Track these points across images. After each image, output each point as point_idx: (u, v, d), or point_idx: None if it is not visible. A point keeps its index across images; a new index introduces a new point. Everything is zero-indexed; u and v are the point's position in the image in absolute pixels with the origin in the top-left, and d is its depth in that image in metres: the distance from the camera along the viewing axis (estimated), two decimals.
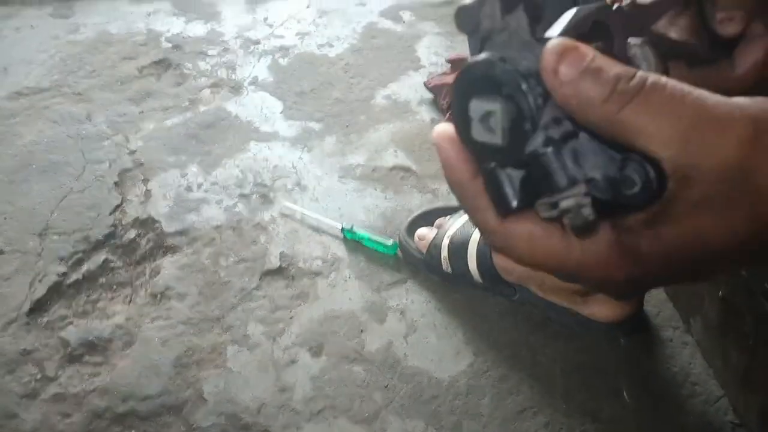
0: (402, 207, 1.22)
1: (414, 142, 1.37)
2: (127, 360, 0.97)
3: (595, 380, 0.94)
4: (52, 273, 1.08)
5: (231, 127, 1.41)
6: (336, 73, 1.59)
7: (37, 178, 1.26)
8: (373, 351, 0.98)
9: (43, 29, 1.74)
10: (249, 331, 1.01)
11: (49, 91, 1.50)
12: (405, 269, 1.10)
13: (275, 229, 1.17)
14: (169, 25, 1.76)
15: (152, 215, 1.20)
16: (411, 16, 1.82)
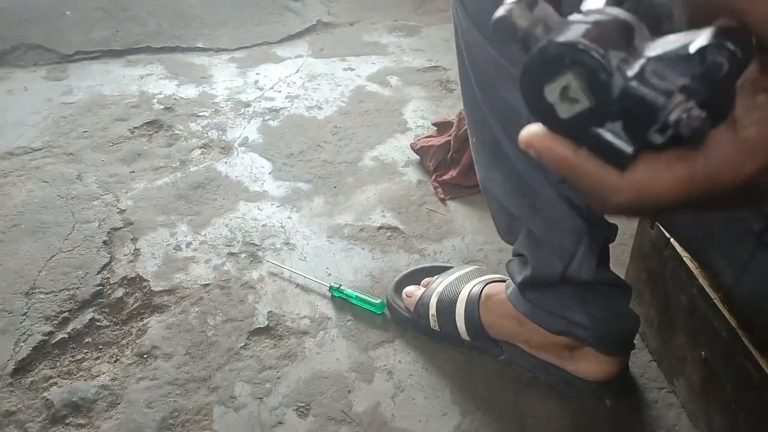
0: (389, 267, 1.23)
1: (401, 202, 1.40)
2: (111, 422, 0.96)
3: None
4: (37, 332, 1.08)
5: (221, 187, 1.43)
6: (324, 136, 1.62)
7: (26, 239, 1.27)
8: (361, 412, 0.98)
9: (37, 91, 1.77)
10: (236, 392, 1.00)
11: (41, 152, 1.52)
12: (393, 328, 1.11)
13: (263, 288, 1.18)
14: (161, 87, 1.80)
15: (140, 274, 1.20)
16: (398, 81, 1.87)
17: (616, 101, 0.29)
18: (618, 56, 0.30)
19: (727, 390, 0.84)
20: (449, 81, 1.87)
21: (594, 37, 0.30)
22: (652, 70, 0.29)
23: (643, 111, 0.29)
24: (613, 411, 0.98)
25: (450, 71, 1.92)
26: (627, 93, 0.29)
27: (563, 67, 0.30)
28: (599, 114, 0.30)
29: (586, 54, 0.29)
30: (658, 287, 1.00)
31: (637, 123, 0.30)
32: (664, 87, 0.29)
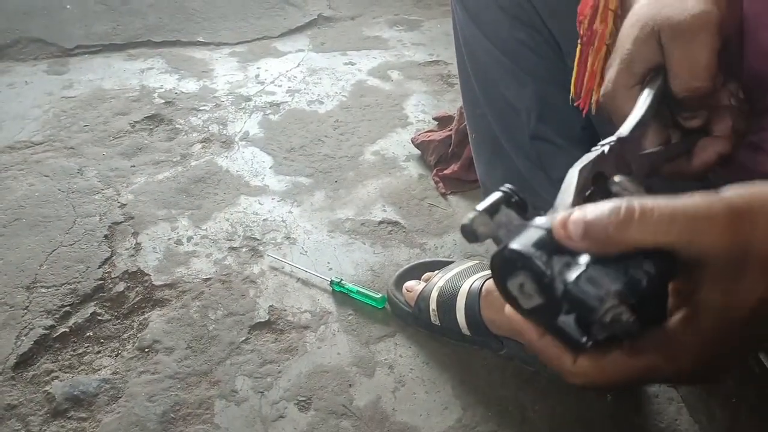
0: (390, 261, 1.23)
1: (402, 197, 1.40)
2: (112, 415, 0.96)
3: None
4: (38, 326, 1.08)
5: (221, 182, 1.43)
6: (325, 130, 1.62)
7: (27, 232, 1.27)
8: (362, 406, 0.98)
9: (38, 85, 1.77)
10: (237, 386, 1.00)
11: (42, 146, 1.52)
12: (393, 323, 1.11)
13: (264, 283, 1.18)
14: (162, 81, 1.80)
15: (141, 268, 1.20)
16: (399, 75, 1.87)
17: (561, 301, 0.34)
18: (562, 261, 0.34)
19: (728, 384, 0.84)
20: (450, 75, 1.87)
21: (542, 243, 0.34)
22: (587, 276, 0.33)
23: (581, 312, 0.33)
24: (613, 405, 0.98)
25: (451, 65, 1.92)
26: (567, 295, 0.33)
27: (517, 269, 0.35)
28: (552, 309, 0.34)
29: (530, 261, 0.34)
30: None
31: (580, 318, 0.34)
32: (596, 293, 0.33)
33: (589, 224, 0.33)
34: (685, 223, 0.33)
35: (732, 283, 0.34)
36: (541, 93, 0.87)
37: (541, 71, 0.87)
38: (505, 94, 0.88)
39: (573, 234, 0.34)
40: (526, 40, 0.86)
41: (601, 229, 0.33)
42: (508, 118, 0.91)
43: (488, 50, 0.88)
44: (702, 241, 0.33)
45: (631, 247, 0.33)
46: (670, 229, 0.33)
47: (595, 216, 0.34)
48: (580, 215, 0.34)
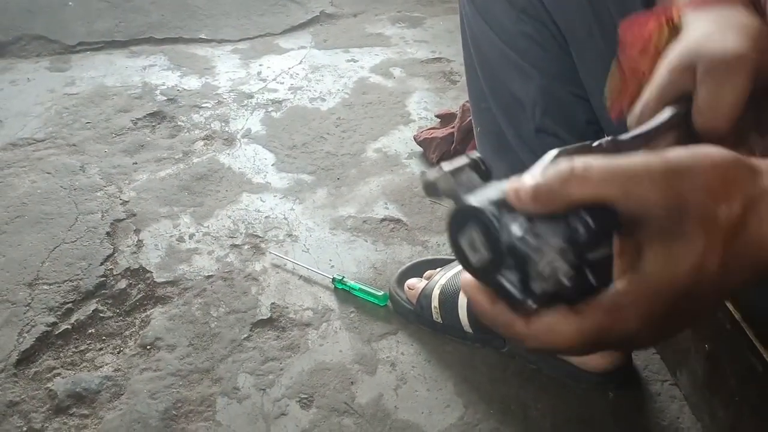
0: (392, 259, 1.23)
1: (404, 194, 1.40)
2: (114, 412, 0.96)
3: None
4: (41, 323, 1.08)
5: (224, 179, 1.43)
6: (328, 127, 1.62)
7: (29, 229, 1.27)
8: (364, 403, 0.98)
9: (40, 82, 1.77)
10: (239, 383, 1.00)
11: (44, 143, 1.52)
12: (395, 320, 1.11)
13: (266, 280, 1.18)
14: (164, 78, 1.80)
15: (143, 265, 1.20)
16: (401, 73, 1.87)
17: (506, 255, 0.35)
18: (512, 216, 0.35)
19: (731, 383, 0.84)
20: (453, 72, 1.87)
21: (495, 200, 0.36)
22: (531, 230, 0.34)
23: (522, 265, 0.34)
24: (615, 403, 0.98)
25: (453, 62, 1.91)
26: (510, 248, 0.34)
27: (469, 223, 0.36)
28: (498, 264, 0.35)
29: (482, 214, 0.35)
30: None
31: (523, 275, 0.35)
32: (537, 245, 0.34)
33: (537, 186, 0.34)
34: (623, 178, 0.34)
35: (672, 241, 0.34)
36: (547, 87, 0.88)
37: (547, 65, 0.87)
38: (510, 87, 0.88)
39: (523, 196, 0.35)
40: (532, 33, 0.86)
41: (546, 189, 0.34)
42: (514, 111, 0.91)
43: (495, 44, 0.88)
44: (638, 195, 0.34)
45: (574, 202, 0.34)
46: (609, 184, 0.34)
47: (543, 177, 0.35)
48: (529, 178, 0.35)
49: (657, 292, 0.35)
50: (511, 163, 0.92)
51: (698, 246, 0.34)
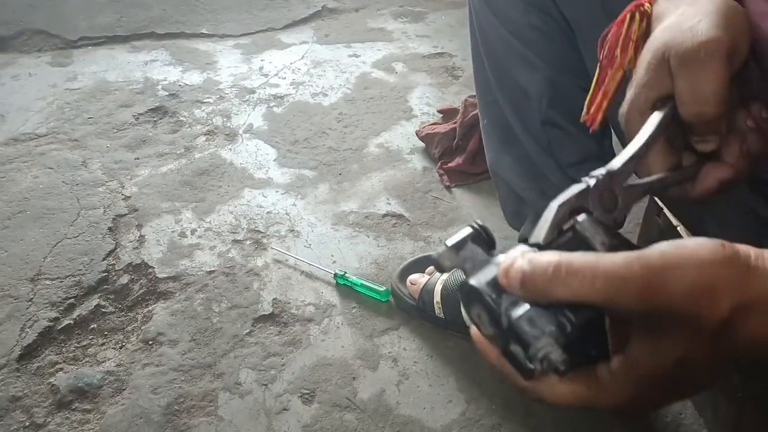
0: (394, 254, 1.23)
1: (406, 190, 1.39)
2: (117, 407, 0.96)
3: (586, 431, 0.94)
4: (43, 318, 1.08)
5: (225, 174, 1.43)
6: (329, 122, 1.62)
7: (32, 224, 1.27)
8: (366, 399, 0.98)
9: (42, 77, 1.77)
10: (241, 378, 1.00)
11: (46, 138, 1.52)
12: (397, 316, 1.10)
13: (268, 275, 1.18)
14: (166, 73, 1.80)
15: (145, 261, 1.20)
16: (403, 68, 1.86)
17: (507, 333, 0.38)
18: (510, 299, 0.38)
19: (734, 379, 0.84)
20: (455, 67, 1.86)
21: (494, 281, 0.39)
22: (527, 317, 0.37)
23: (521, 346, 0.37)
24: None
25: (456, 57, 1.91)
26: (510, 331, 0.37)
27: (474, 301, 0.39)
28: (503, 339, 0.38)
29: (482, 297, 0.38)
30: None
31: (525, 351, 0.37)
32: (532, 332, 0.37)
33: (524, 276, 0.37)
34: (603, 284, 0.35)
35: (656, 337, 0.36)
36: (553, 78, 0.87)
37: (554, 57, 0.87)
38: (517, 79, 0.88)
39: (512, 282, 0.37)
40: (539, 25, 0.86)
41: (533, 283, 0.36)
42: (520, 103, 0.91)
43: (501, 35, 0.88)
44: (619, 302, 0.35)
45: (559, 301, 0.36)
46: (590, 290, 0.35)
47: (531, 268, 0.37)
48: (520, 266, 0.37)
49: (642, 377, 0.37)
50: (517, 155, 0.92)
51: (681, 346, 0.35)
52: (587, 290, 0.35)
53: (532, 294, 0.37)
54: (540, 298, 0.37)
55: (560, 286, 0.35)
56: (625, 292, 0.34)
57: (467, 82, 1.78)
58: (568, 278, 0.35)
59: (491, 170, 1.00)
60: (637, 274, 0.34)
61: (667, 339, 0.35)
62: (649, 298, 0.34)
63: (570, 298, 0.36)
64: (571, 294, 0.35)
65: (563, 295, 0.36)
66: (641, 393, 0.38)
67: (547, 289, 0.36)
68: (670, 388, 0.38)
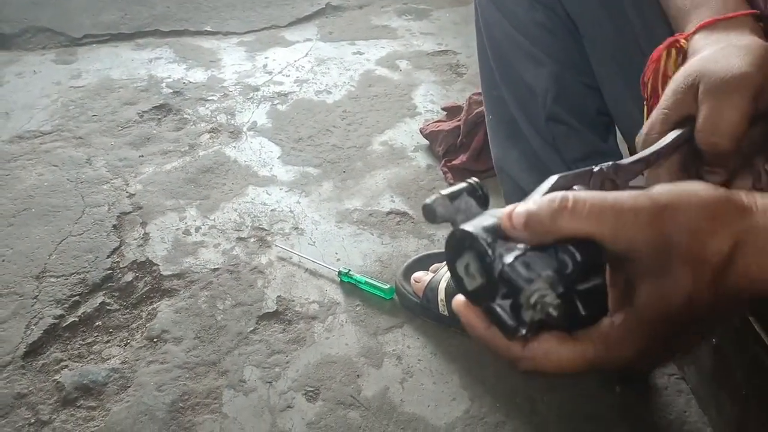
0: (398, 252, 1.23)
1: (410, 187, 1.39)
2: (121, 404, 0.96)
3: (591, 429, 0.94)
4: (48, 316, 1.08)
5: (229, 172, 1.43)
6: (333, 120, 1.61)
7: (36, 222, 1.27)
8: (370, 396, 0.98)
9: (46, 75, 1.77)
10: (245, 376, 1.00)
11: (50, 135, 1.53)
12: (401, 314, 1.10)
13: (272, 273, 1.18)
14: (170, 71, 1.80)
15: (150, 258, 1.20)
16: (407, 65, 1.86)
17: (498, 282, 0.36)
18: (505, 245, 0.37)
19: (738, 377, 0.84)
20: (459, 65, 1.86)
21: (490, 228, 0.37)
22: (522, 260, 0.35)
23: (513, 293, 0.35)
24: (622, 397, 0.97)
25: (460, 55, 1.90)
26: (502, 276, 0.36)
27: (465, 249, 0.37)
28: (490, 290, 0.36)
29: (476, 241, 0.37)
30: None
31: (514, 303, 0.36)
32: (527, 275, 0.35)
33: (529, 214, 0.36)
34: (611, 216, 0.35)
35: (661, 278, 0.35)
36: (558, 74, 0.88)
37: (559, 53, 0.87)
38: (522, 75, 0.89)
39: (515, 224, 0.36)
40: (544, 21, 0.86)
41: (538, 219, 0.36)
42: (525, 99, 0.91)
43: (507, 31, 0.88)
44: (626, 234, 0.35)
45: (563, 235, 0.35)
46: (598, 221, 0.35)
47: (536, 206, 0.36)
48: (523, 206, 0.36)
49: (651, 325, 0.36)
50: (522, 151, 0.92)
51: (687, 282, 0.35)
52: (595, 223, 0.35)
53: (537, 232, 0.36)
54: (543, 234, 0.36)
55: (566, 219, 0.35)
56: (635, 223, 0.34)
57: (471, 79, 1.78)
58: (576, 210, 0.35)
59: (496, 166, 1.00)
60: (646, 207, 0.35)
61: (671, 279, 0.35)
62: (655, 231, 0.34)
63: (576, 232, 0.35)
64: (577, 227, 0.35)
65: (569, 228, 0.35)
66: (649, 343, 0.37)
67: (552, 222, 0.35)
68: (678, 334, 0.37)
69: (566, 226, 0.35)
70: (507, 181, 0.99)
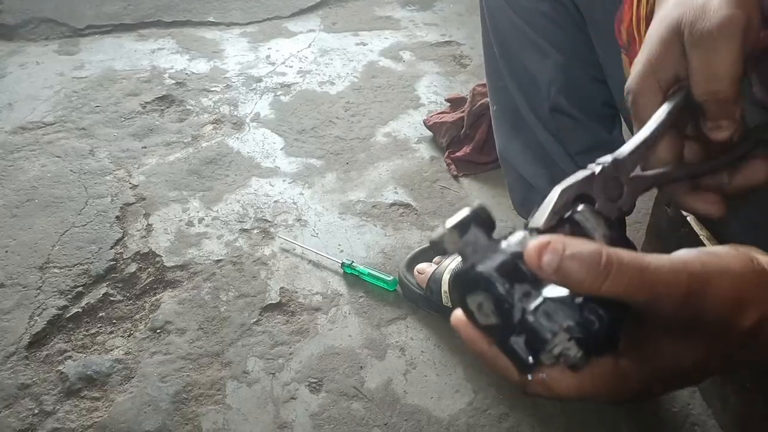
0: (401, 244, 1.23)
1: (413, 179, 1.39)
2: (125, 395, 0.97)
3: (595, 421, 0.94)
4: (52, 306, 1.08)
5: (233, 163, 1.43)
6: (337, 111, 1.61)
7: (40, 213, 1.27)
8: (373, 388, 0.98)
9: (49, 66, 1.77)
10: (248, 367, 1.01)
11: (53, 127, 1.52)
12: (405, 305, 1.10)
13: (275, 264, 1.18)
14: (172, 62, 1.79)
15: (153, 249, 1.20)
16: (411, 56, 1.85)
17: (517, 326, 0.36)
18: (522, 289, 0.36)
19: (743, 370, 0.83)
20: (463, 56, 1.85)
21: (506, 269, 0.36)
22: (544, 309, 0.35)
23: (535, 340, 0.36)
24: None
25: (464, 46, 1.89)
26: (523, 323, 0.36)
27: (479, 288, 0.37)
28: (505, 330, 0.36)
29: (494, 285, 0.36)
30: None
31: (532, 345, 0.36)
32: (550, 327, 0.35)
33: (565, 262, 0.34)
34: (650, 284, 0.35)
35: (680, 339, 0.37)
36: (563, 66, 0.87)
37: (564, 44, 0.86)
38: (527, 65, 0.88)
39: (545, 265, 0.34)
40: (549, 11, 0.85)
41: (575, 272, 0.34)
42: (530, 89, 0.90)
43: (512, 21, 0.87)
44: (659, 304, 0.35)
45: (598, 294, 0.35)
46: (637, 289, 0.35)
47: (573, 255, 0.34)
48: (557, 248, 0.34)
49: (659, 373, 0.38)
50: (526, 141, 0.92)
51: (703, 351, 0.37)
52: (633, 291, 0.35)
53: (567, 281, 0.35)
54: (575, 288, 0.35)
55: (609, 282, 0.34)
56: (670, 295, 0.35)
57: (475, 70, 1.77)
58: (619, 274, 0.34)
59: (500, 156, 0.99)
60: (683, 281, 0.35)
61: (690, 344, 0.37)
62: (691, 303, 0.35)
63: (617, 294, 0.35)
64: (614, 291, 0.35)
65: (606, 290, 0.35)
66: (646, 389, 0.38)
67: (591, 281, 0.34)
68: (680, 382, 0.39)
69: (605, 289, 0.34)
70: (511, 171, 0.99)
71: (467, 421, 0.93)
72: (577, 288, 0.35)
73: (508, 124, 0.95)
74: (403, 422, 0.93)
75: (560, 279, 0.34)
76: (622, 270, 0.34)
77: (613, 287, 0.34)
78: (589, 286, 0.34)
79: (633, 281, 0.34)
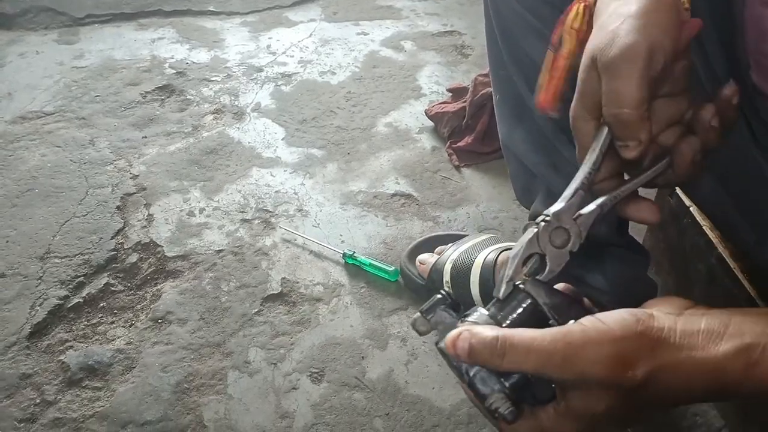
0: (403, 234, 1.22)
1: (415, 169, 1.38)
2: (127, 385, 0.97)
3: None
4: (52, 296, 1.08)
5: (233, 153, 1.42)
6: (338, 101, 1.60)
7: (40, 203, 1.27)
8: (374, 378, 0.98)
9: (48, 55, 1.76)
10: (250, 357, 1.00)
11: (53, 116, 1.52)
12: (406, 296, 1.10)
13: (277, 255, 1.18)
14: (173, 51, 1.78)
15: (154, 239, 1.20)
16: (412, 46, 1.84)
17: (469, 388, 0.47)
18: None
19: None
20: (464, 46, 1.84)
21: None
22: (481, 376, 0.46)
23: (478, 398, 0.46)
24: None
25: (465, 36, 1.89)
26: (470, 386, 0.46)
27: (444, 357, 0.48)
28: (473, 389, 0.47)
29: (448, 357, 0.47)
30: (676, 256, 0.99)
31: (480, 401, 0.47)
32: (483, 390, 0.45)
33: (472, 349, 0.45)
34: (534, 358, 0.43)
35: (584, 392, 0.44)
36: None
37: None
38: (530, 53, 0.87)
39: (460, 354, 0.45)
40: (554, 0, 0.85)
41: (479, 356, 0.45)
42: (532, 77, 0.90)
43: (514, 9, 0.87)
44: (546, 372, 0.43)
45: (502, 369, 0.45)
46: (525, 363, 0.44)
47: (477, 342, 0.45)
48: (465, 338, 0.45)
49: (580, 417, 0.45)
50: (529, 130, 0.91)
51: (605, 398, 0.44)
52: (522, 363, 0.44)
53: (479, 362, 0.45)
54: (485, 365, 0.45)
55: (500, 359, 0.44)
56: (549, 364, 0.43)
57: (477, 60, 1.76)
58: (508, 353, 0.44)
59: (503, 145, 0.99)
60: (559, 350, 0.42)
61: (593, 394, 0.44)
62: (568, 368, 0.42)
63: (515, 368, 0.44)
64: (509, 365, 0.44)
65: (503, 365, 0.44)
66: (583, 427, 0.46)
67: (492, 361, 0.44)
68: (606, 424, 0.46)
69: (501, 365, 0.44)
70: (513, 160, 0.98)
71: (468, 412, 0.93)
72: (485, 366, 0.45)
73: (511, 113, 0.94)
74: (404, 412, 0.93)
75: (472, 360, 0.45)
76: (514, 349, 0.44)
77: (509, 363, 0.44)
78: (493, 363, 0.44)
79: (520, 356, 0.43)
